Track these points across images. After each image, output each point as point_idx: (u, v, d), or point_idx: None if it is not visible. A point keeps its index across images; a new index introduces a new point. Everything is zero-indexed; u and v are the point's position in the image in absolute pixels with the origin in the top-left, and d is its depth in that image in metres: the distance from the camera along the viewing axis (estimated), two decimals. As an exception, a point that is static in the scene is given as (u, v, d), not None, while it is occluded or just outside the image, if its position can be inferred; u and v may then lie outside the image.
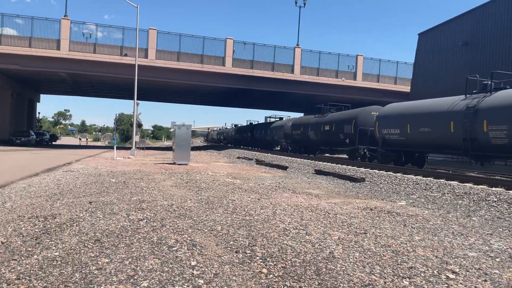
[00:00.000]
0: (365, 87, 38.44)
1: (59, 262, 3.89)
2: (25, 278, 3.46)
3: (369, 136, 19.72)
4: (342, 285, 3.58)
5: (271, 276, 3.74)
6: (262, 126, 41.48)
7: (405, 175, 13.27)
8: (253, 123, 48.13)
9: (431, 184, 11.14)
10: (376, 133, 18.57)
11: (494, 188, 10.12)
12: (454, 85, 25.73)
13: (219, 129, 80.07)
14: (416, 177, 12.79)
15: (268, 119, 43.81)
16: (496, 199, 8.76)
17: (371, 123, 19.77)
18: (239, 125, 57.56)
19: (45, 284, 3.35)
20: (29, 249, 4.31)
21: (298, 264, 4.11)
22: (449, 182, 11.42)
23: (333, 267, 4.05)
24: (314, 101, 44.44)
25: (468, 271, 4.09)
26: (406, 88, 36.00)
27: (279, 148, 36.02)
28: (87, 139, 76.54)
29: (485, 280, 3.84)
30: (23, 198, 7.69)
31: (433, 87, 27.81)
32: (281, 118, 38.96)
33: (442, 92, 21.66)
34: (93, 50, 32.73)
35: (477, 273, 4.06)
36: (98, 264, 3.88)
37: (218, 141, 71.87)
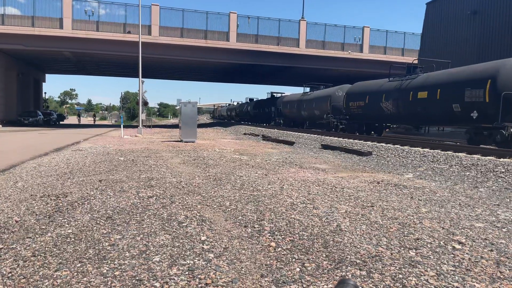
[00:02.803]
0: (371, 59, 37.88)
1: (73, 239, 3.99)
2: (41, 255, 3.56)
3: None
4: (349, 257, 3.64)
5: (279, 249, 3.82)
6: (293, 98, 33.76)
7: (412, 148, 13.24)
8: (275, 95, 41.82)
9: (439, 156, 11.12)
10: None
11: (502, 159, 10.09)
12: (462, 54, 25.30)
13: (229, 104, 72.91)
14: (424, 149, 12.76)
15: (274, 94, 43.34)
16: (504, 170, 8.74)
17: None
18: (256, 99, 49.82)
19: (60, 260, 3.45)
20: (43, 227, 4.41)
21: (305, 238, 4.18)
22: (457, 154, 11.38)
23: (340, 240, 4.11)
24: (320, 75, 44.09)
25: (474, 242, 4.14)
26: (414, 60, 35.44)
27: (317, 123, 29.29)
28: (94, 118, 65.72)
29: (491, 250, 3.89)
30: (34, 177, 7.82)
31: (441, 58, 27.34)
32: (317, 87, 30.77)
33: (451, 63, 21.29)
34: (96, 28, 32.44)
35: (483, 243, 4.11)
36: (111, 240, 3.98)
37: (229, 118, 64.34)
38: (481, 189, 7.37)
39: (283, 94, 41.24)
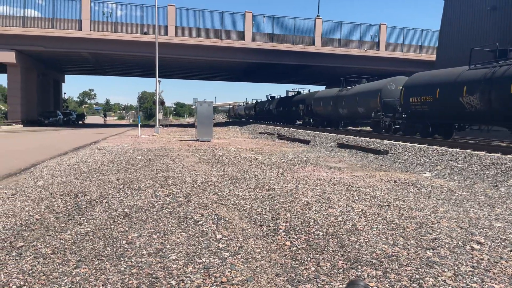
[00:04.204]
0: (388, 57, 37.46)
1: (91, 237, 4.07)
2: (60, 253, 3.64)
3: None
4: (365, 256, 3.62)
5: (294, 248, 3.82)
6: (328, 93, 29.34)
7: (430, 146, 13.04)
8: (302, 92, 38.51)
9: (457, 155, 10.94)
10: None
11: (523, 158, 9.85)
12: (482, 51, 24.77)
13: (246, 103, 70.60)
14: (442, 148, 12.56)
15: (289, 93, 43.15)
16: (525, 169, 8.54)
17: None
18: (278, 97, 45.68)
19: (79, 258, 3.52)
20: (62, 225, 4.51)
21: (321, 237, 4.16)
22: (476, 152, 11.17)
23: (356, 239, 4.09)
24: (336, 74, 43.78)
25: (493, 242, 4.06)
26: (432, 57, 34.87)
27: (358, 122, 26.81)
28: (105, 117, 59.03)
29: (511, 251, 3.81)
30: (54, 176, 7.98)
31: (460, 54, 26.84)
32: (358, 80, 25.99)
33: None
34: (113, 29, 32.90)
35: (503, 243, 4.03)
36: (128, 238, 4.04)
37: (247, 117, 60.92)
38: (501, 189, 7.22)
39: (310, 91, 38.11)
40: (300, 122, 35.36)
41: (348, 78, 27.60)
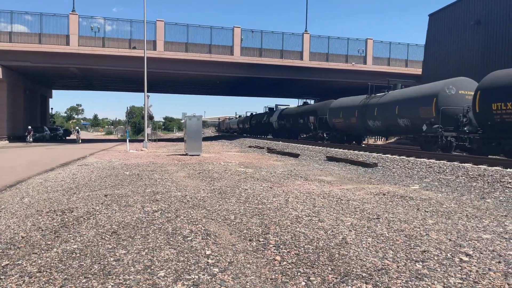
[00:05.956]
0: (375, 71, 37.94)
1: (78, 255, 4.00)
2: (46, 271, 3.56)
3: None
4: (355, 270, 3.61)
5: (284, 263, 3.80)
6: (351, 102, 23.85)
7: (418, 159, 13.18)
8: (308, 102, 34.61)
9: (445, 167, 11.06)
10: None
11: (509, 169, 10.01)
12: (466, 64, 25.30)
13: (239, 116, 66.40)
14: (429, 160, 12.69)
15: (278, 106, 43.24)
16: (511, 180, 8.66)
17: None
18: (279, 108, 40.03)
19: (65, 276, 3.45)
20: (49, 242, 4.42)
21: (311, 251, 4.15)
22: (463, 164, 11.32)
23: (346, 253, 4.08)
24: (324, 87, 44.21)
25: (482, 253, 4.09)
26: (418, 71, 35.49)
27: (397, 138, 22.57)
28: (78, 132, 51.02)
29: (499, 262, 3.84)
30: (40, 193, 7.86)
31: (445, 68, 27.36)
32: (393, 85, 21.14)
33: (455, 73, 21.29)
34: (102, 44, 32.86)
35: (491, 255, 4.06)
36: (116, 255, 3.97)
37: (240, 131, 56.78)
38: (488, 200, 7.30)
39: (319, 101, 34.40)
40: (308, 136, 31.67)
41: (379, 83, 22.46)
